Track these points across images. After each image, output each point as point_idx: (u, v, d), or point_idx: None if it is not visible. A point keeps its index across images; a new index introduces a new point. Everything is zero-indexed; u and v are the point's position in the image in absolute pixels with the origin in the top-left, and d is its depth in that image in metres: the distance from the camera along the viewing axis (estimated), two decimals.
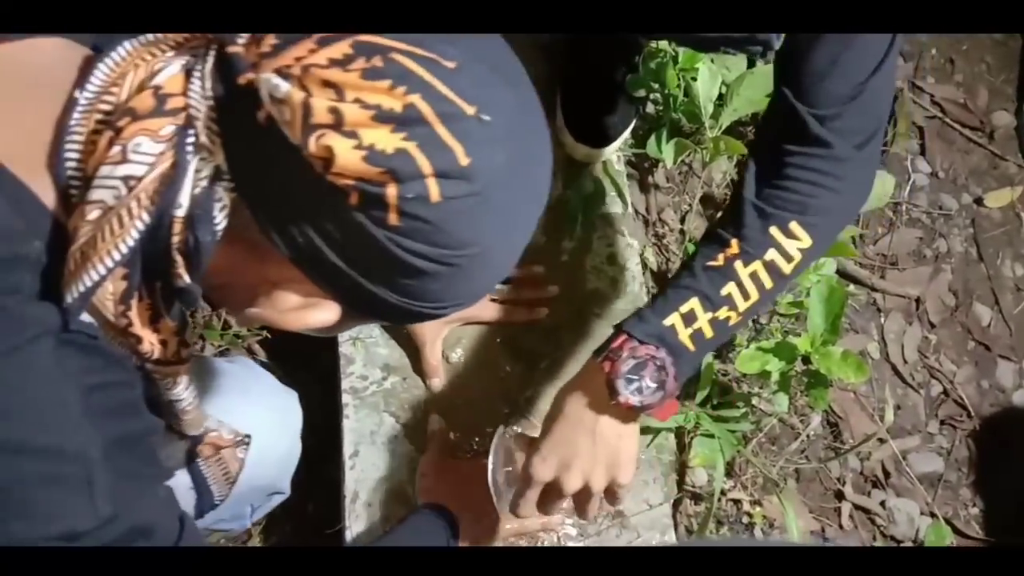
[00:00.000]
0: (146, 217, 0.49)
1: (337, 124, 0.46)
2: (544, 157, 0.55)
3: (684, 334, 0.82)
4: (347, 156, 0.46)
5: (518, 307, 1.12)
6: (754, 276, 0.82)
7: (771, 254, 0.82)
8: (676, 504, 1.12)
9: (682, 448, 1.14)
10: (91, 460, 0.49)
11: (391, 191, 0.47)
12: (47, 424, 0.48)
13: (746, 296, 0.82)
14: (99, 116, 0.50)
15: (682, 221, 1.32)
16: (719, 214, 1.34)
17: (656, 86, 1.25)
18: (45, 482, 0.48)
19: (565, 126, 1.23)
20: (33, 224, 0.50)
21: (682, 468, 1.14)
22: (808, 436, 1.25)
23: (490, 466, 0.93)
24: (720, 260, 0.83)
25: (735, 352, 1.24)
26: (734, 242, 0.83)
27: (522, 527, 1.02)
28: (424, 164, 0.47)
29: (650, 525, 1.09)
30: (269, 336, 1.28)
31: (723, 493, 1.17)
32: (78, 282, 0.50)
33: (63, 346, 0.49)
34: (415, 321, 0.56)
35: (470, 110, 0.48)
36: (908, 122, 1.53)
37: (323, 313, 0.53)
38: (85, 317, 0.51)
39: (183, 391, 0.62)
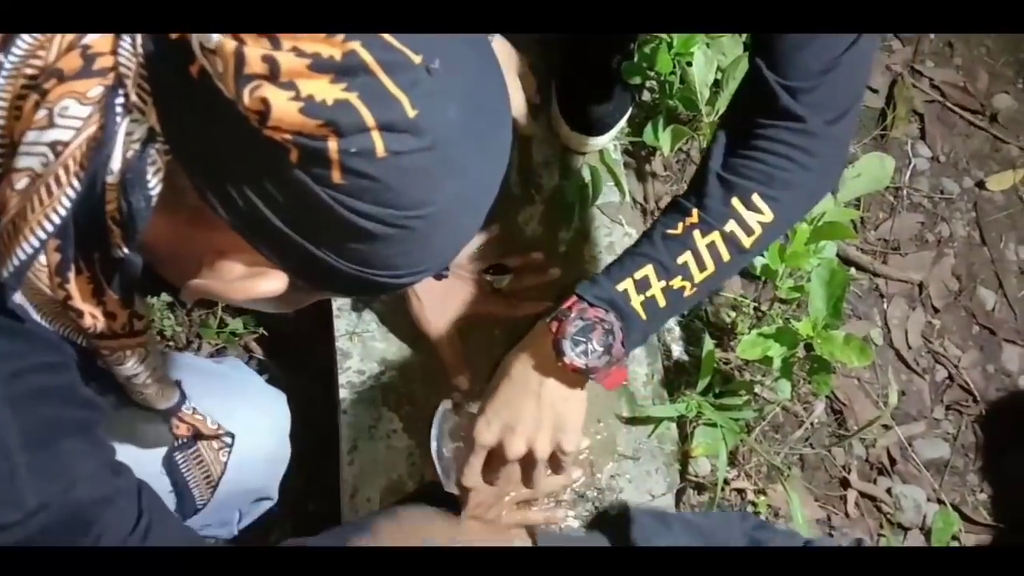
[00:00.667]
0: (76, 184, 0.46)
1: (272, 74, 0.43)
2: (503, 115, 0.52)
3: (636, 300, 0.81)
4: (283, 108, 0.42)
5: (523, 298, 1.11)
6: (711, 247, 0.81)
7: (731, 225, 0.81)
8: (679, 494, 1.11)
9: (684, 438, 1.13)
10: (11, 450, 0.47)
11: (332, 145, 0.44)
12: None
13: (702, 267, 0.81)
14: (24, 81, 0.46)
15: None
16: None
17: (651, 73, 1.23)
18: None
19: (561, 115, 1.22)
20: None
21: (684, 458, 1.12)
22: (812, 424, 1.24)
23: (433, 442, 0.92)
24: (679, 229, 0.82)
25: (736, 340, 1.23)
26: (695, 211, 0.82)
27: (524, 519, 1.01)
28: (367, 116, 0.43)
29: None
30: (266, 334, 1.27)
31: (727, 482, 1.15)
32: (11, 257, 0.47)
33: None
34: (371, 292, 0.53)
35: (416, 59, 0.44)
36: (908, 106, 1.52)
37: (269, 282, 0.50)
38: (17, 297, 0.49)
39: (136, 365, 0.59)
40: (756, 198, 0.80)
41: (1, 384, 0.47)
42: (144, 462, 0.72)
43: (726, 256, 0.81)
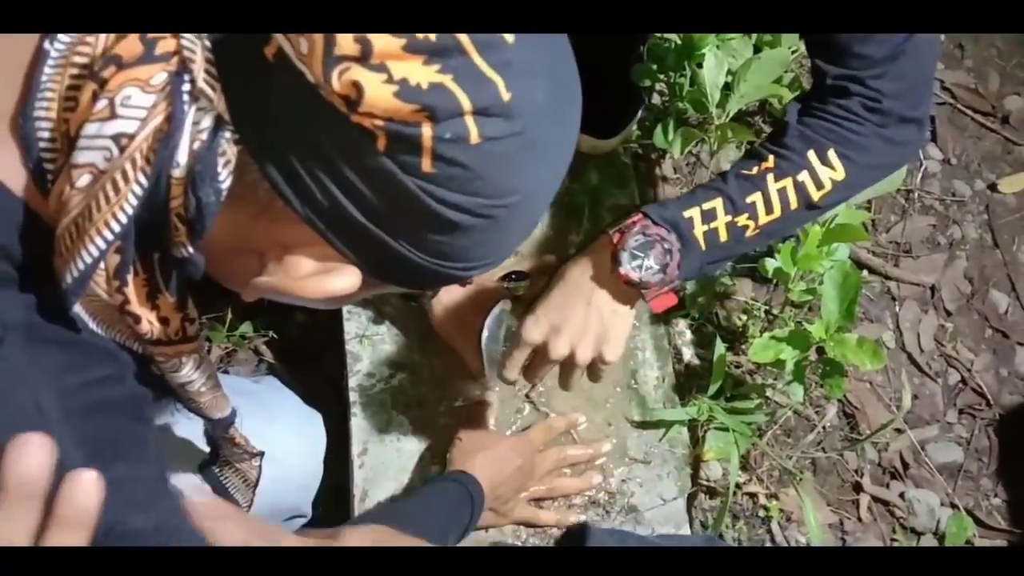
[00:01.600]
0: (143, 180, 0.43)
1: (364, 55, 0.40)
2: (577, 95, 0.49)
3: (699, 229, 0.84)
4: (377, 92, 0.40)
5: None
6: (782, 192, 0.84)
7: (803, 175, 0.84)
8: (691, 499, 1.10)
9: (696, 442, 1.12)
10: (73, 468, 0.42)
11: (426, 131, 0.41)
12: (23, 431, 0.41)
13: (769, 209, 0.84)
14: (75, 70, 0.43)
15: None
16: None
17: (661, 76, 1.23)
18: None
19: None
20: None
21: (696, 462, 1.11)
22: (824, 428, 1.23)
23: (485, 332, 0.95)
24: (754, 171, 0.85)
25: (747, 344, 1.22)
26: (771, 157, 0.85)
27: (535, 517, 1.01)
28: (464, 100, 0.41)
29: (664, 520, 1.07)
30: (275, 337, 1.27)
31: (738, 487, 1.14)
32: (75, 261, 0.44)
33: (35, 343, 0.44)
34: (439, 285, 0.51)
35: (509, 38, 0.42)
36: (928, 104, 1.51)
37: (343, 279, 0.47)
38: (75, 306, 0.46)
39: (192, 372, 0.55)
40: (831, 154, 0.83)
41: (59, 399, 0.44)
42: (182, 473, 0.72)
43: (794, 204, 0.84)
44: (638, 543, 0.93)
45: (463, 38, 0.41)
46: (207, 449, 0.77)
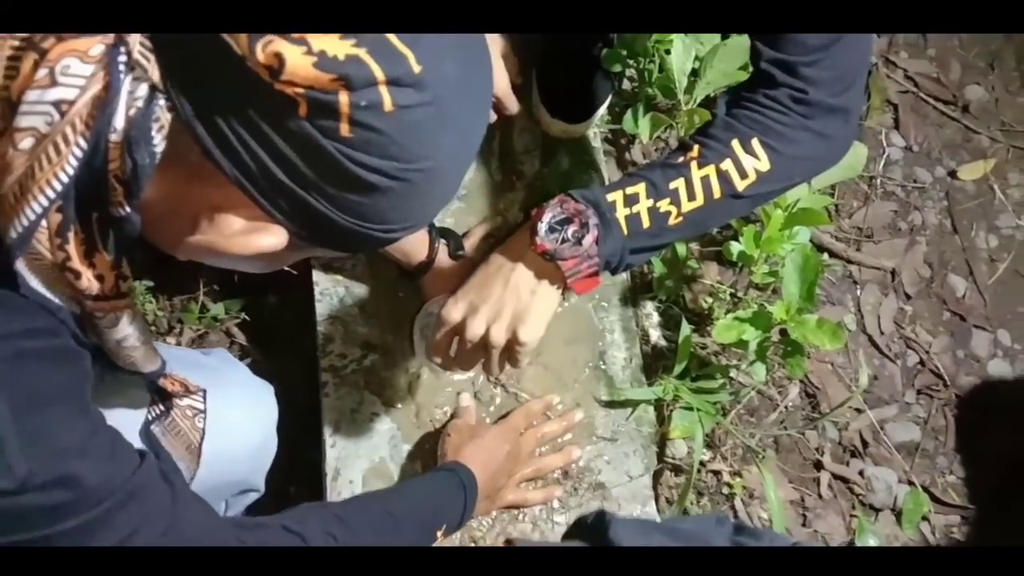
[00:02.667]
0: (83, 143, 0.46)
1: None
2: (487, 72, 0.54)
3: (621, 212, 0.84)
4: (298, 62, 0.44)
5: None
6: (705, 180, 0.84)
7: (727, 164, 0.84)
8: (656, 476, 1.13)
9: (661, 420, 1.15)
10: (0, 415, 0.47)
11: (343, 99, 0.45)
12: None
13: (692, 196, 0.84)
14: (15, 41, 0.46)
15: None
16: None
17: (631, 61, 1.25)
18: None
19: (541, 102, 1.23)
20: None
21: (662, 440, 1.14)
22: (786, 407, 1.26)
23: (417, 321, 0.98)
24: (679, 160, 0.86)
25: (712, 325, 1.25)
26: (696, 147, 0.86)
27: (523, 499, 1.05)
28: (377, 70, 0.45)
29: (631, 497, 1.09)
30: (248, 319, 1.28)
31: (703, 464, 1.17)
32: (19, 218, 0.47)
33: None
34: (362, 248, 0.54)
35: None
36: (882, 96, 1.54)
37: (270, 237, 0.51)
38: (18, 263, 0.49)
39: (127, 327, 0.58)
40: (755, 143, 0.84)
41: None
42: (123, 433, 0.73)
43: (717, 192, 0.84)
44: (661, 532, 0.94)
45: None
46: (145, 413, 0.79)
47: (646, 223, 0.84)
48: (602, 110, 1.28)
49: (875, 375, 1.34)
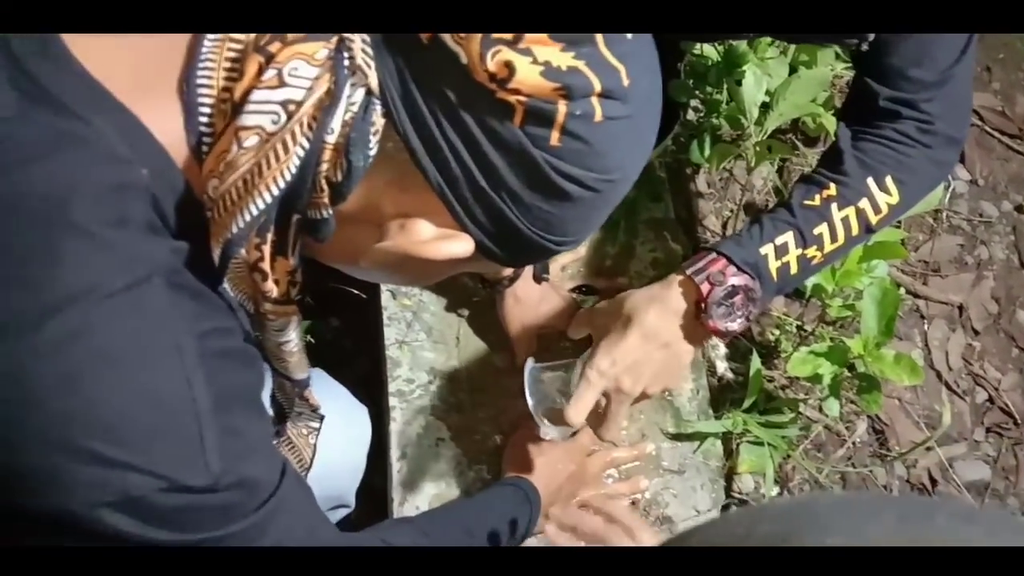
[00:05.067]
0: (306, 143, 0.47)
1: (516, 40, 0.45)
2: (660, 88, 0.55)
3: (773, 264, 0.85)
4: (527, 71, 0.45)
5: None
6: (846, 221, 0.85)
7: (864, 203, 0.85)
8: (723, 510, 1.11)
9: (729, 454, 1.13)
10: (203, 412, 0.46)
11: (562, 108, 0.47)
12: (162, 371, 0.46)
13: (834, 239, 0.85)
14: (233, 44, 0.48)
15: (724, 227, 1.32)
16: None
17: (698, 92, 1.25)
18: (158, 434, 0.45)
19: None
20: (139, 151, 0.47)
21: (729, 474, 1.12)
22: (854, 443, 1.24)
23: (530, 401, 0.93)
24: (817, 200, 0.86)
25: (779, 358, 1.24)
26: (832, 185, 0.86)
27: (581, 523, 1.01)
28: (595, 82, 0.47)
29: None
30: (312, 341, 1.28)
31: (770, 500, 1.15)
32: (243, 213, 0.48)
33: (175, 288, 0.47)
34: (530, 260, 0.55)
35: (629, 35, 0.48)
36: (968, 126, 1.53)
37: (459, 244, 0.52)
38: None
39: (291, 332, 0.59)
40: (889, 180, 0.85)
41: (194, 342, 0.47)
42: None
43: (855, 231, 0.86)
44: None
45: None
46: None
47: (794, 270, 0.85)
48: (667, 140, 1.28)
49: (942, 412, 1.31)
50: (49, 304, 0.43)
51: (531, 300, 1.07)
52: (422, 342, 1.13)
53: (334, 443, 0.86)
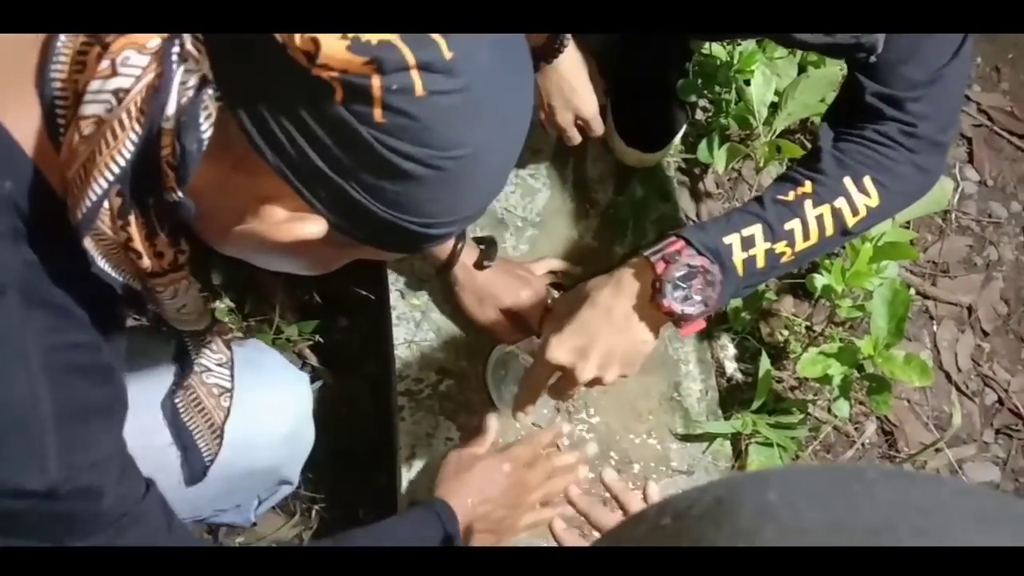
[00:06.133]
0: (138, 128, 0.49)
1: None
2: (526, 66, 0.54)
3: (738, 256, 0.82)
4: (332, 46, 0.45)
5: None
6: (820, 219, 0.83)
7: (840, 202, 0.83)
8: None
9: (738, 455, 1.13)
10: (45, 419, 0.49)
11: (376, 82, 0.46)
12: (6, 377, 0.48)
13: (806, 236, 0.83)
14: (84, 37, 0.50)
15: None
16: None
17: (706, 91, 1.25)
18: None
19: (616, 131, 1.23)
20: (3, 162, 0.50)
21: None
22: (863, 444, 1.24)
23: (489, 376, 0.95)
24: (791, 196, 0.84)
25: (788, 359, 1.23)
26: (808, 183, 0.84)
27: (541, 518, 0.99)
28: (408, 55, 0.46)
29: None
30: (321, 340, 1.28)
31: None
32: (84, 200, 0.50)
33: (28, 301, 0.49)
34: (406, 245, 0.55)
35: None
36: (956, 131, 1.52)
37: (310, 225, 0.52)
38: (86, 242, 0.51)
39: (184, 296, 0.60)
40: (868, 181, 0.83)
41: (42, 354, 0.49)
42: (144, 405, 0.74)
43: (829, 231, 0.84)
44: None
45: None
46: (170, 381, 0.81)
47: (760, 264, 0.83)
48: (676, 139, 1.28)
49: (952, 413, 1.31)
50: None
51: (484, 287, 1.05)
52: (431, 341, 1.13)
53: (262, 409, 0.86)
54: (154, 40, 0.48)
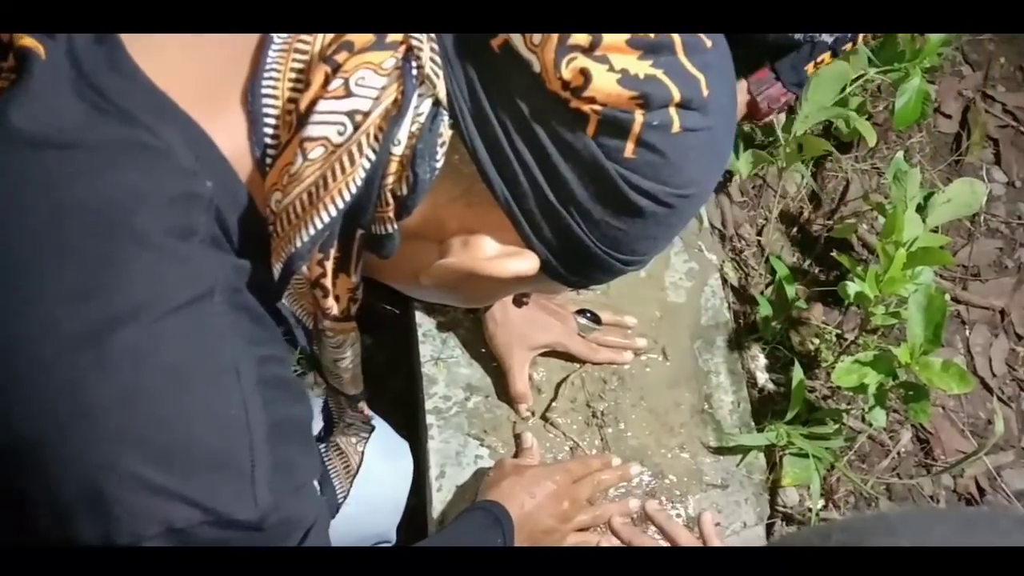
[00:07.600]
0: (372, 155, 0.45)
1: (592, 47, 0.43)
2: (736, 102, 0.54)
3: None
4: (603, 79, 0.43)
5: (603, 348, 1.10)
6: None
7: None
8: (768, 526, 1.09)
9: (772, 467, 1.11)
10: (257, 441, 0.43)
11: (638, 118, 0.44)
12: (221, 392, 0.43)
13: None
14: (298, 55, 0.47)
15: (759, 235, 1.30)
16: (796, 230, 1.32)
17: None
18: (211, 461, 0.42)
19: None
20: (204, 163, 0.46)
21: (773, 488, 1.10)
22: (899, 453, 1.21)
23: None
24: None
25: (819, 368, 1.21)
26: None
27: (586, 542, 0.99)
28: (674, 91, 0.44)
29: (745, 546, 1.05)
30: None
31: (816, 513, 1.13)
32: (307, 226, 0.46)
33: (235, 308, 0.45)
34: (594, 280, 0.52)
35: (708, 43, 0.46)
36: (982, 132, 1.50)
37: (524, 262, 0.49)
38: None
39: (347, 349, 0.57)
40: None
41: (256, 367, 0.44)
42: None
43: None
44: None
45: (675, 38, 0.44)
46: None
47: None
48: None
49: (989, 419, 1.28)
50: (113, 316, 0.41)
51: (518, 324, 1.04)
52: (457, 358, 1.12)
53: (378, 476, 0.84)
54: (389, 60, 0.45)
